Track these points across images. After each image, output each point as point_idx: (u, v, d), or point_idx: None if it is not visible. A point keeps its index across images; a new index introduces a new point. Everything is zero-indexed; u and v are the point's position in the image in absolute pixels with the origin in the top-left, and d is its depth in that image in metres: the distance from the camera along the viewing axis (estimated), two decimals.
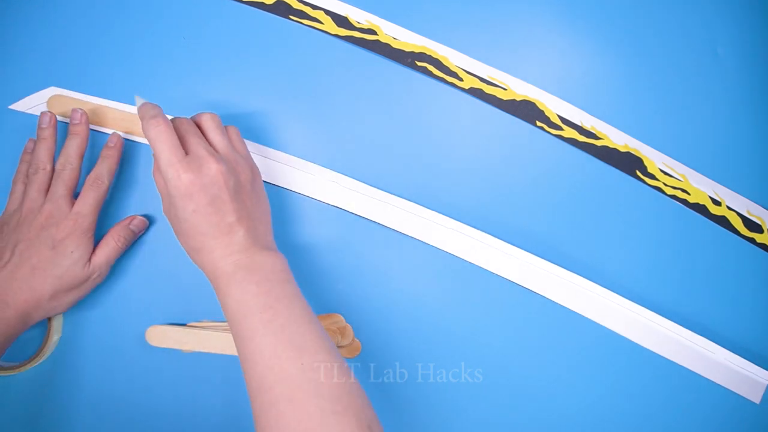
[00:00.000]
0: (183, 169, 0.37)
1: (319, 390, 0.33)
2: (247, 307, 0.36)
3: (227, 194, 0.38)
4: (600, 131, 0.47)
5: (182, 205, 0.37)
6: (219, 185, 0.37)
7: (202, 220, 0.37)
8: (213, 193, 0.37)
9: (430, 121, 0.47)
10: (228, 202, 0.38)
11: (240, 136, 0.43)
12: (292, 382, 0.33)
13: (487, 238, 0.46)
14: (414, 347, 0.47)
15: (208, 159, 0.37)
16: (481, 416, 0.47)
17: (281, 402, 0.33)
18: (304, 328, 0.35)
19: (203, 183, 0.37)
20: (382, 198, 0.46)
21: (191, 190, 0.37)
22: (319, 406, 0.32)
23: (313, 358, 0.34)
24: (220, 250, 0.37)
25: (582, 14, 0.47)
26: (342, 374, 0.34)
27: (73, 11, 0.46)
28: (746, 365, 0.46)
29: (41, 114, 0.44)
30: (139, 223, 0.45)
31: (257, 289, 0.36)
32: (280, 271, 0.38)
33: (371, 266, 0.47)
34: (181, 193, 0.37)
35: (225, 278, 0.37)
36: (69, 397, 0.46)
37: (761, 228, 0.47)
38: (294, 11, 0.47)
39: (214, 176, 0.37)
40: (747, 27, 0.46)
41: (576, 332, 0.47)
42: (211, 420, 0.47)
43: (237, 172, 0.39)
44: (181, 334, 0.45)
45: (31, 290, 0.40)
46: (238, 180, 0.39)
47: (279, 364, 0.34)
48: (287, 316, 0.35)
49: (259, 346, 0.34)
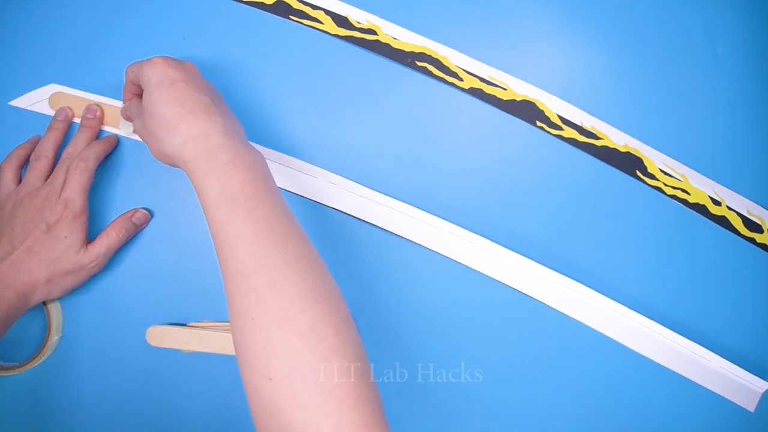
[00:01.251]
0: (159, 57, 0.39)
1: (303, 279, 0.32)
2: (231, 192, 0.34)
3: (202, 82, 0.39)
4: (600, 131, 0.47)
5: (158, 80, 0.37)
6: (193, 73, 0.40)
7: (179, 92, 0.37)
8: (188, 76, 0.38)
9: (430, 122, 0.47)
10: (203, 87, 0.38)
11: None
12: (274, 268, 0.32)
13: (484, 242, 0.46)
14: (414, 347, 0.47)
15: (185, 62, 0.40)
16: (481, 416, 0.47)
17: (262, 287, 0.31)
18: (287, 222, 0.34)
19: (177, 65, 0.38)
20: (381, 201, 0.46)
21: (165, 67, 0.37)
22: (302, 295, 0.31)
23: (297, 250, 0.33)
24: (199, 125, 0.36)
25: (582, 14, 0.47)
26: (321, 265, 0.34)
27: (75, 9, 0.46)
28: (742, 373, 0.46)
29: (59, 108, 0.45)
30: (141, 216, 0.45)
31: (242, 176, 0.34)
32: (262, 166, 0.36)
33: (371, 267, 0.47)
34: (155, 71, 0.37)
35: (205, 158, 0.35)
36: (69, 397, 0.46)
37: (761, 228, 0.47)
38: (294, 11, 0.47)
39: (189, 67, 0.40)
40: (747, 27, 0.46)
41: (573, 336, 0.47)
42: (211, 420, 0.47)
43: (187, 68, 0.40)
44: (181, 334, 0.45)
45: (27, 272, 0.41)
46: (213, 90, 0.40)
47: (261, 250, 0.32)
48: (272, 208, 0.34)
49: (241, 232, 0.33)
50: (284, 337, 0.30)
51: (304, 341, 0.30)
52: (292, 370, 0.30)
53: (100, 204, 0.46)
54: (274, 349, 0.30)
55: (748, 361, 0.47)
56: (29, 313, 0.46)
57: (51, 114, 0.46)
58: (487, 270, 0.46)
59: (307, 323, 0.30)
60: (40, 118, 0.46)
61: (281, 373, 0.30)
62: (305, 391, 0.29)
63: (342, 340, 0.31)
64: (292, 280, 0.32)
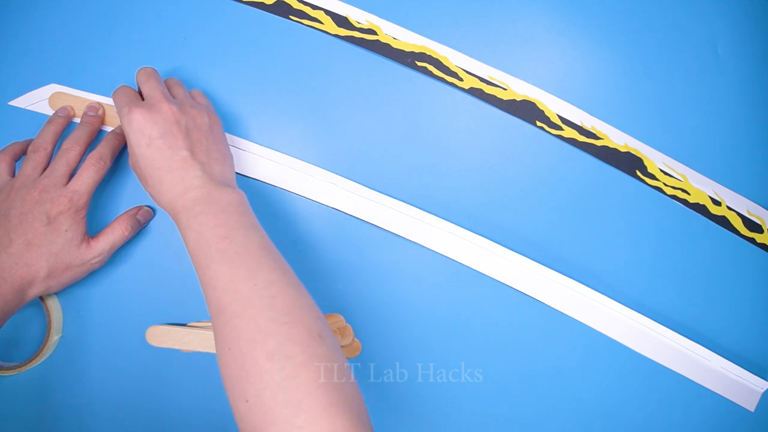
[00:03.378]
0: (135, 107, 0.39)
1: (271, 304, 0.34)
2: (204, 238, 0.37)
3: (178, 130, 0.40)
4: (600, 131, 0.47)
5: (136, 140, 0.39)
6: (170, 121, 0.40)
7: (156, 153, 0.39)
8: (164, 127, 0.39)
9: (429, 122, 0.47)
10: (180, 137, 0.39)
11: (203, 95, 0.45)
12: (244, 300, 0.34)
13: (484, 242, 0.46)
14: (414, 347, 0.47)
15: (160, 99, 0.40)
16: (481, 416, 0.47)
17: (234, 318, 0.34)
18: (259, 253, 0.37)
19: (153, 118, 0.39)
20: (380, 201, 0.46)
21: (142, 124, 0.39)
22: (270, 318, 0.33)
23: (267, 278, 0.35)
24: (177, 185, 0.39)
25: (582, 14, 0.47)
26: (295, 291, 0.36)
27: (74, 9, 0.46)
28: (742, 373, 0.46)
29: (62, 107, 0.45)
30: (145, 213, 0.46)
31: (214, 221, 0.37)
32: (237, 204, 0.39)
33: (371, 267, 0.47)
34: (133, 129, 0.39)
35: (184, 213, 0.38)
36: (69, 397, 0.46)
37: (761, 228, 0.47)
38: (294, 11, 0.47)
39: (165, 113, 0.40)
40: (747, 27, 0.46)
41: (573, 336, 0.47)
42: (211, 420, 0.47)
43: (191, 115, 0.41)
44: (181, 334, 0.45)
45: (26, 266, 0.40)
46: (193, 121, 0.41)
47: (233, 285, 0.35)
48: (242, 244, 0.37)
49: (216, 273, 0.36)
50: (254, 360, 0.32)
51: (272, 361, 0.32)
52: (263, 390, 0.32)
53: (103, 200, 0.46)
54: (247, 372, 0.32)
55: (748, 360, 0.47)
56: (29, 313, 0.46)
57: (51, 114, 0.46)
58: (487, 270, 0.46)
59: (274, 344, 0.33)
60: (40, 118, 0.46)
61: (254, 394, 0.32)
62: (275, 407, 0.31)
63: (310, 356, 0.33)
64: (261, 308, 0.34)
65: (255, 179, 0.46)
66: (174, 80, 0.45)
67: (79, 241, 0.42)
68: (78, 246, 0.42)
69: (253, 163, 0.46)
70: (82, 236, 0.42)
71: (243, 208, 0.39)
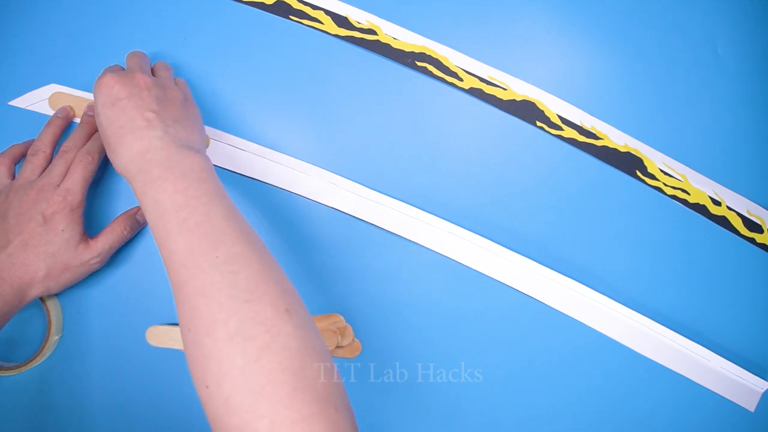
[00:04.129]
0: (108, 72, 0.40)
1: (233, 280, 0.32)
2: (162, 207, 0.34)
3: (148, 95, 0.39)
4: (600, 131, 0.47)
5: (102, 100, 0.38)
6: (140, 86, 0.39)
7: (120, 113, 0.37)
8: (132, 91, 0.38)
9: (429, 122, 0.47)
10: (148, 101, 0.38)
11: (186, 84, 0.45)
12: (205, 276, 0.32)
13: (484, 242, 0.46)
14: (414, 347, 0.47)
15: (135, 70, 0.40)
16: (481, 416, 0.47)
17: (194, 296, 0.32)
18: (223, 224, 0.34)
19: (123, 81, 0.38)
20: (380, 201, 0.46)
21: (110, 85, 0.38)
22: (231, 296, 0.31)
23: (229, 251, 0.33)
24: (135, 144, 0.36)
25: (582, 14, 0.47)
26: (260, 265, 0.33)
27: (75, 9, 0.46)
28: (742, 373, 0.46)
29: (61, 107, 0.45)
30: (144, 214, 0.45)
31: (173, 188, 0.35)
32: (199, 170, 0.36)
33: (371, 267, 0.47)
34: (101, 90, 0.38)
35: (141, 176, 0.36)
36: (69, 397, 0.46)
37: (761, 228, 0.47)
38: (294, 11, 0.47)
39: (136, 80, 0.39)
40: (747, 27, 0.46)
41: (573, 336, 0.47)
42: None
43: (165, 88, 0.41)
44: (180, 334, 0.45)
45: (24, 266, 0.40)
46: (165, 94, 0.40)
47: (193, 260, 0.33)
48: (204, 213, 0.34)
49: (175, 245, 0.33)
50: (214, 343, 0.30)
51: (233, 345, 0.30)
52: (223, 377, 0.30)
53: (102, 200, 0.46)
54: (207, 357, 0.30)
55: (748, 360, 0.47)
56: (29, 313, 0.46)
57: (51, 114, 0.46)
58: (487, 270, 0.46)
59: (235, 326, 0.30)
60: (40, 118, 0.46)
61: (215, 380, 0.30)
62: (236, 395, 0.29)
63: (274, 336, 0.30)
64: (222, 284, 0.32)
65: (255, 179, 0.46)
66: (162, 63, 0.45)
67: (77, 242, 0.41)
68: (76, 246, 0.41)
69: (253, 163, 0.46)
70: (80, 236, 0.42)
71: (206, 174, 0.36)
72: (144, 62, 0.43)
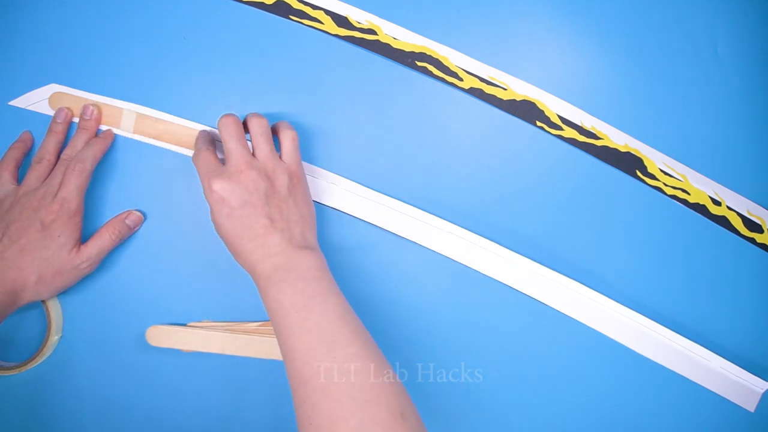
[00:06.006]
0: (214, 177, 0.39)
1: (351, 380, 0.35)
2: (283, 307, 0.37)
3: (258, 199, 0.39)
4: (600, 131, 0.47)
5: (217, 210, 0.39)
6: (249, 190, 0.39)
7: (237, 223, 0.39)
8: (243, 198, 0.39)
9: (430, 122, 0.47)
10: (259, 206, 0.39)
11: (293, 141, 0.43)
12: (324, 375, 0.35)
13: (484, 242, 0.46)
14: (414, 347, 0.47)
15: (240, 165, 0.40)
16: (481, 416, 0.47)
17: (315, 394, 0.35)
18: (338, 323, 0.37)
19: (233, 188, 0.39)
20: (380, 201, 0.46)
21: (222, 195, 0.39)
22: (351, 396, 0.34)
23: (346, 351, 0.36)
24: (257, 252, 0.39)
25: (582, 14, 0.47)
26: (375, 365, 0.36)
27: (74, 9, 0.46)
28: (741, 374, 0.46)
29: (58, 109, 0.45)
30: (135, 218, 0.46)
31: (292, 289, 0.38)
32: (315, 269, 0.39)
33: (371, 267, 0.47)
34: (214, 199, 0.39)
35: (264, 280, 0.39)
36: (69, 397, 0.46)
37: (761, 228, 0.47)
38: (294, 11, 0.47)
39: (244, 182, 0.39)
40: (747, 27, 0.46)
41: (573, 336, 0.47)
42: (211, 420, 0.47)
43: (271, 179, 0.40)
44: (181, 334, 0.45)
45: (18, 270, 0.41)
46: (272, 185, 0.40)
47: (313, 359, 0.35)
48: (321, 313, 0.37)
49: (296, 344, 0.36)
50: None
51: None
52: None
53: (97, 203, 0.46)
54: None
55: (748, 361, 0.47)
56: (29, 313, 0.46)
57: (51, 114, 0.46)
58: (487, 270, 0.46)
59: (355, 425, 0.33)
60: (40, 117, 0.46)
61: None
62: None
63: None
64: (341, 384, 0.35)
65: None
66: (257, 124, 0.42)
67: (71, 247, 0.42)
68: (69, 251, 0.42)
69: None
70: (75, 242, 0.43)
71: (321, 273, 0.39)
72: (243, 143, 0.41)
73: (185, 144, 0.46)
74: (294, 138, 0.43)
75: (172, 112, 0.46)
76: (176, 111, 0.46)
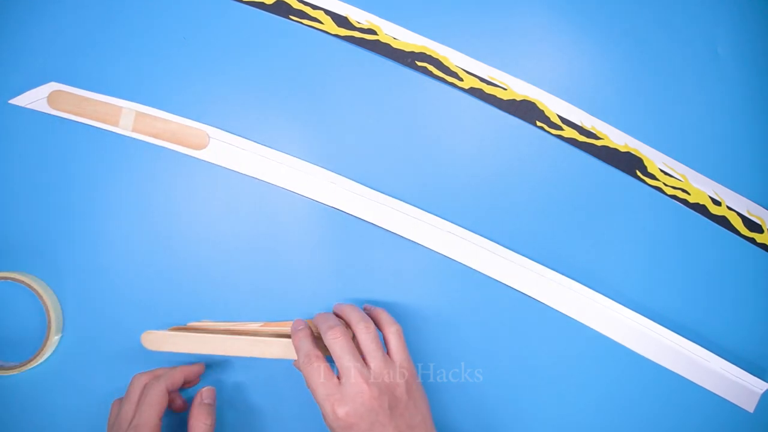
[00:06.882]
0: (338, 403, 0.39)
1: None
2: None
3: (384, 416, 0.39)
4: (600, 131, 0.47)
5: (341, 427, 0.39)
6: (375, 410, 0.39)
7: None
8: (371, 419, 0.38)
9: (429, 122, 0.47)
10: (387, 422, 0.39)
11: (399, 338, 0.42)
12: None
13: (484, 242, 0.46)
14: (414, 347, 0.47)
15: (361, 386, 0.39)
16: (481, 416, 0.47)
17: None
18: None
19: (360, 413, 0.38)
20: (380, 201, 0.46)
21: (349, 421, 0.38)
22: None
23: None
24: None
25: (582, 14, 0.47)
26: None
27: (74, 7, 0.46)
28: (741, 374, 0.46)
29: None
30: (210, 393, 0.44)
31: None
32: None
33: (371, 267, 0.47)
34: (341, 426, 0.39)
35: None
36: (69, 397, 0.46)
37: (761, 228, 0.47)
38: (294, 11, 0.47)
39: (368, 404, 0.39)
40: (747, 27, 0.46)
41: (572, 337, 0.47)
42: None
43: (391, 389, 0.40)
44: (178, 338, 0.45)
45: None
46: (393, 396, 0.40)
47: None
48: None
49: None
50: None
51: None
52: None
53: (96, 202, 0.46)
54: None
55: (748, 361, 0.47)
56: (29, 313, 0.46)
57: (50, 112, 0.46)
58: (487, 270, 0.46)
59: None
60: (40, 116, 0.46)
61: None
62: None
63: None
64: None
65: (255, 178, 0.46)
66: (364, 330, 0.41)
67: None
68: None
69: (253, 162, 0.46)
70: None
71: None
72: (355, 356, 0.40)
73: (184, 143, 0.46)
74: (400, 333, 0.42)
75: (171, 111, 0.46)
76: (175, 110, 0.46)
